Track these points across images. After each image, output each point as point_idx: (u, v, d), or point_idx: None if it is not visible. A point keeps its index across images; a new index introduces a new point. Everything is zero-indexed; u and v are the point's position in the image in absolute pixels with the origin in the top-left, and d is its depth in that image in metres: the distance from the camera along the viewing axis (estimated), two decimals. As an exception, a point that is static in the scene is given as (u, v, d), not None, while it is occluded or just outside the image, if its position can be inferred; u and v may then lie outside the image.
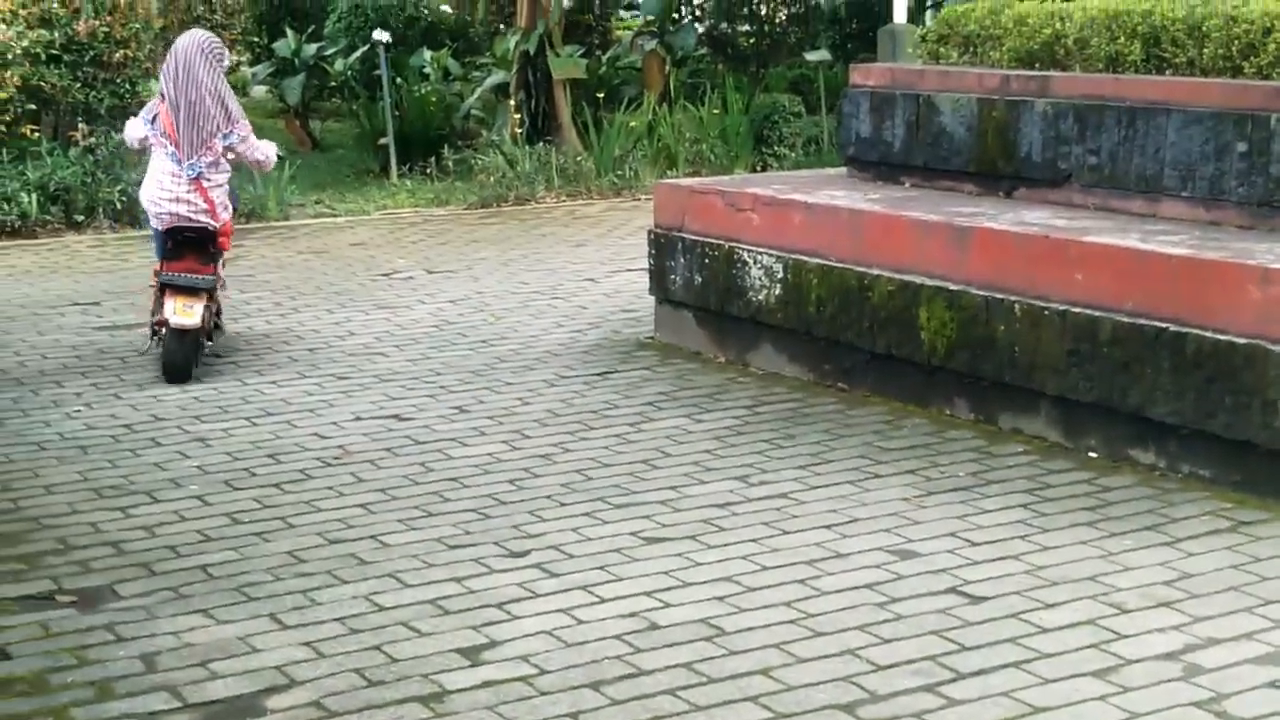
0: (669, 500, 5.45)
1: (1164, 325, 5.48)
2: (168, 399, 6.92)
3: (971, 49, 7.52)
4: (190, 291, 7.16)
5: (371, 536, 5.13)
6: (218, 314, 7.65)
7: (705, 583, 4.68)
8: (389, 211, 12.51)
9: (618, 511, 5.34)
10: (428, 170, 13.73)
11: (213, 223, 7.36)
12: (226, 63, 7.70)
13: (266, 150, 7.68)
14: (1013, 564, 4.78)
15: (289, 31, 16.81)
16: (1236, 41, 6.26)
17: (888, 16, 14.93)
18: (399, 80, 14.83)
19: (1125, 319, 5.62)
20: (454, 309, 8.80)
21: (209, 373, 7.37)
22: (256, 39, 19.49)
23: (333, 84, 16.38)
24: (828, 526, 5.15)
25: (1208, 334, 5.34)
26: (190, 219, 7.30)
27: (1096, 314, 5.72)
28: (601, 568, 4.81)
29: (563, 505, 5.42)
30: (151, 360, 7.48)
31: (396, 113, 14.17)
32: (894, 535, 5.06)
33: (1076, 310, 5.79)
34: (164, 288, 7.21)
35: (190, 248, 7.30)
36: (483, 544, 5.04)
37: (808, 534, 5.08)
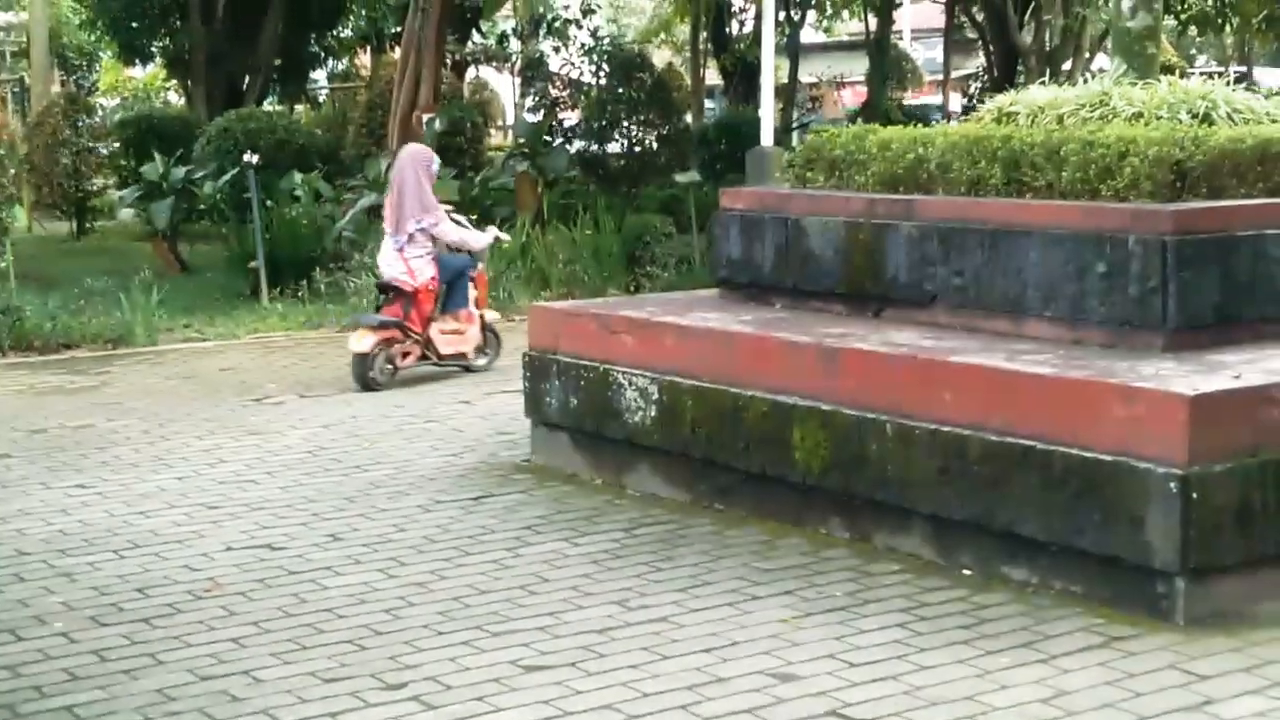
0: (548, 627, 5.41)
1: (1031, 443, 5.58)
2: (31, 532, 6.76)
3: (838, 173, 7.66)
4: (374, 326, 10.05)
5: (244, 672, 5.03)
6: (481, 347, 10.60)
7: (586, 711, 4.64)
8: (260, 335, 12.41)
9: (496, 639, 5.29)
10: (299, 293, 13.66)
11: (411, 281, 10.09)
12: (435, 168, 10.56)
13: (464, 235, 10.50)
14: (891, 684, 4.80)
15: (157, 155, 16.71)
16: (1093, 165, 6.44)
17: (756, 139, 15.21)
18: (269, 203, 14.78)
19: (994, 437, 5.71)
20: (327, 434, 8.72)
21: (76, 504, 7.22)
22: (124, 162, 19.35)
23: (202, 207, 16.27)
24: (707, 650, 5.14)
25: (1074, 451, 5.44)
26: (394, 278, 10.13)
27: (966, 432, 5.81)
28: (480, 698, 4.75)
29: (440, 634, 5.36)
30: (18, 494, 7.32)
31: (267, 235, 14.10)
32: (773, 658, 5.06)
33: (946, 429, 5.88)
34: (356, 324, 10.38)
35: (392, 298, 10.16)
36: (359, 676, 4.96)
37: (687, 658, 5.07)
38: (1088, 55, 22.30)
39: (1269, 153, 6.43)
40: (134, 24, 22.48)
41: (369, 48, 29.62)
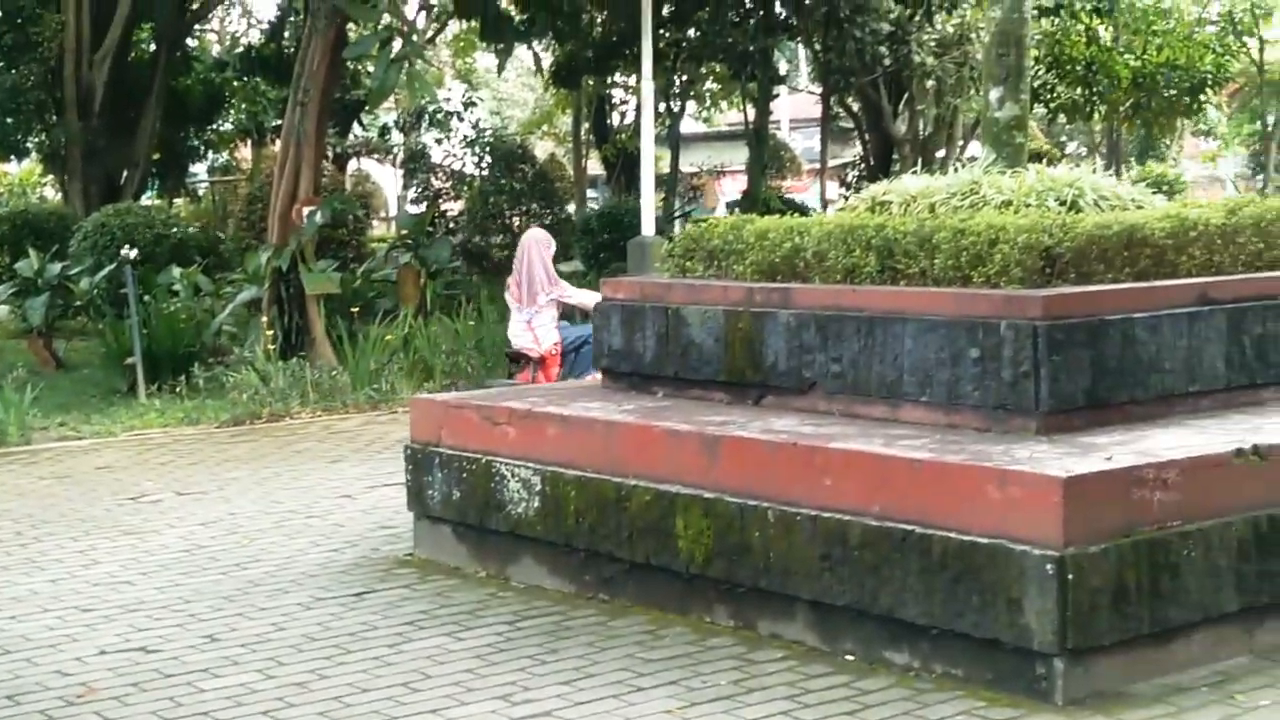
0: (430, 724, 5.34)
1: (911, 527, 5.63)
2: (-103, 640, 6.56)
3: (717, 262, 7.73)
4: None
5: (117, 779, 4.90)
6: None
7: (468, 810, 4.58)
8: (137, 432, 12.20)
9: (377, 739, 5.21)
10: (177, 389, 13.47)
11: (537, 348, 11.65)
12: (553, 249, 12.05)
13: (584, 298, 11.70)
14: (776, 773, 4.79)
15: (32, 251, 16.47)
16: (965, 252, 6.55)
17: (639, 228, 15.32)
18: (147, 298, 14.61)
19: (874, 522, 5.76)
20: (205, 532, 8.58)
21: (-58, 609, 7.03)
22: (-1, 259, 19.07)
23: (78, 303, 16.04)
24: (592, 744, 5.10)
25: (952, 535, 5.50)
26: (523, 347, 11.75)
27: (846, 518, 5.85)
28: (361, 800, 4.67)
29: (320, 735, 5.27)
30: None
31: (144, 331, 13.92)
32: (658, 750, 5.03)
33: (827, 515, 5.92)
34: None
35: (522, 365, 11.74)
36: (236, 781, 4.86)
37: (572, 753, 5.02)
38: (961, 143, 22.78)
39: (1135, 238, 6.58)
40: (8, 119, 22.22)
41: (249, 141, 29.51)
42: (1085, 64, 22.86)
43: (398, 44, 13.44)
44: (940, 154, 21.80)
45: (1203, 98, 24.47)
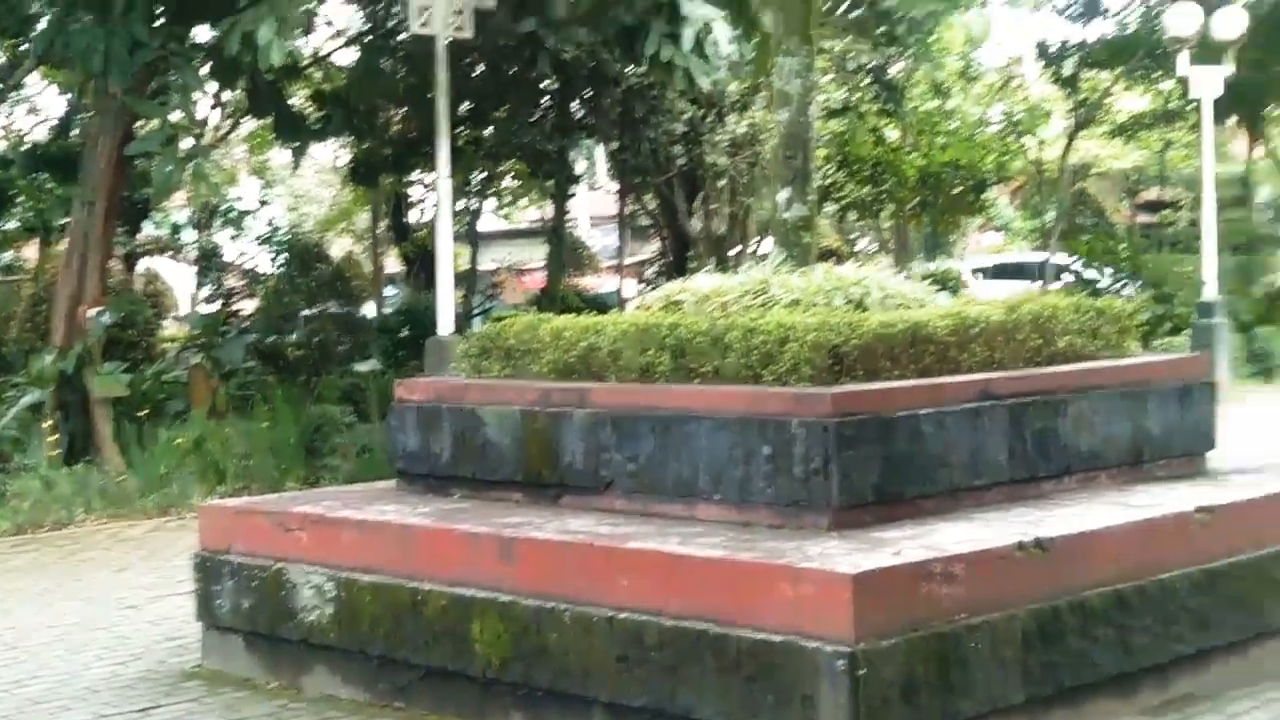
0: (217, 844, 5.17)
1: (706, 626, 5.64)
2: None
3: (513, 362, 7.73)
4: None
5: None
6: None
7: None
8: (-89, 543, 11.71)
9: None
10: (-45, 498, 12.96)
11: None
12: None
13: None
14: None
15: None
16: (756, 351, 6.65)
17: (435, 327, 15.22)
18: (-77, 403, 14.08)
19: (670, 622, 5.76)
20: (-18, 647, 8.24)
21: None
22: None
23: None
24: None
25: (746, 633, 5.52)
26: None
27: (643, 618, 5.84)
28: None
29: None
30: None
31: (-80, 437, 13.41)
32: None
33: (624, 615, 5.90)
34: None
35: None
36: None
37: None
38: (755, 240, 23.19)
39: (919, 336, 6.74)
40: None
41: (35, 240, 28.72)
42: (873, 163, 23.56)
43: (187, 142, 13.25)
44: (734, 251, 22.16)
45: (985, 195, 25.32)
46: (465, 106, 20.32)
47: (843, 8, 21.82)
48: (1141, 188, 43.56)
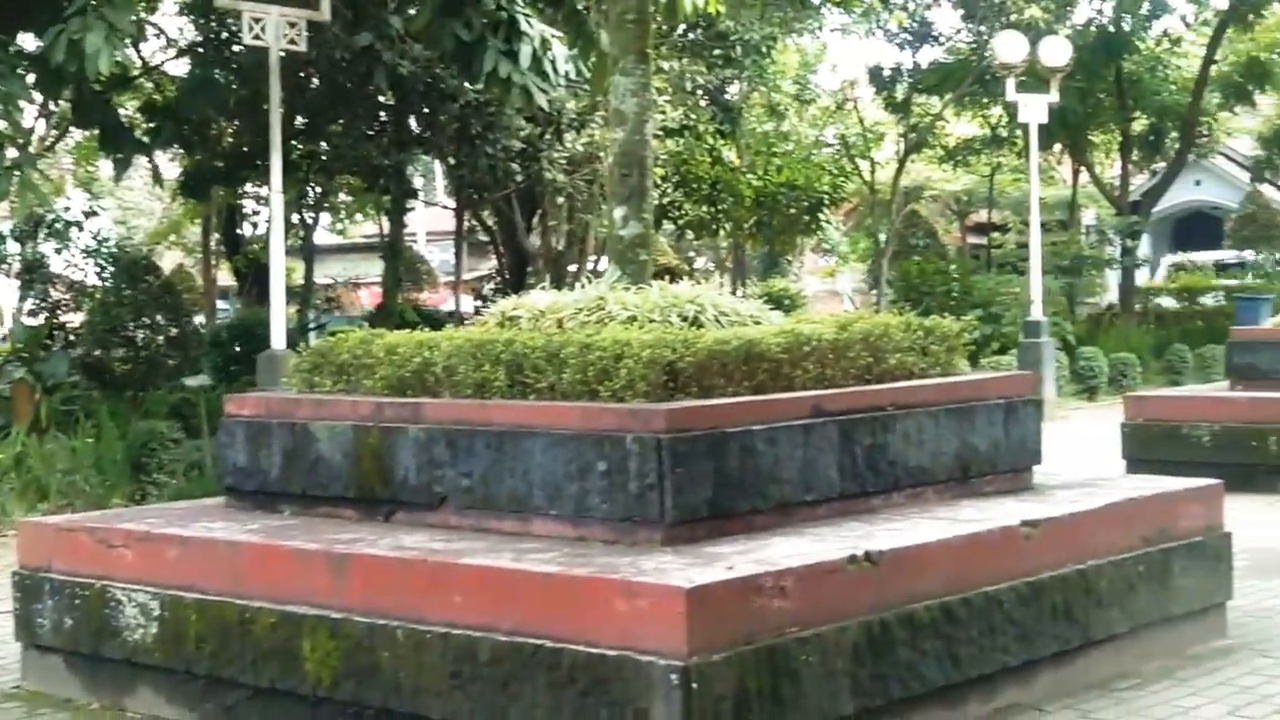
0: None
1: (540, 642, 5.62)
2: None
3: (346, 377, 7.64)
4: None
5: None
6: None
7: None
8: None
9: None
10: None
11: None
12: None
13: None
14: None
15: None
16: (592, 367, 6.65)
17: (269, 341, 15.01)
18: None
19: (504, 638, 5.72)
20: None
21: None
22: None
23: None
24: None
25: (580, 648, 5.51)
26: None
27: (476, 634, 5.80)
28: None
29: None
30: None
31: None
32: None
33: (457, 632, 5.86)
34: None
35: None
36: None
37: None
38: (593, 258, 23.24)
39: (753, 353, 6.80)
40: None
41: None
42: (711, 183, 23.73)
43: (12, 152, 12.90)
44: (573, 268, 22.19)
45: (821, 216, 25.66)
46: (300, 120, 20.09)
47: (680, 29, 22.01)
48: (971, 210, 44.56)
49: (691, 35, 23.13)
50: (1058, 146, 33.78)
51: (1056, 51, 22.25)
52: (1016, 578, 6.59)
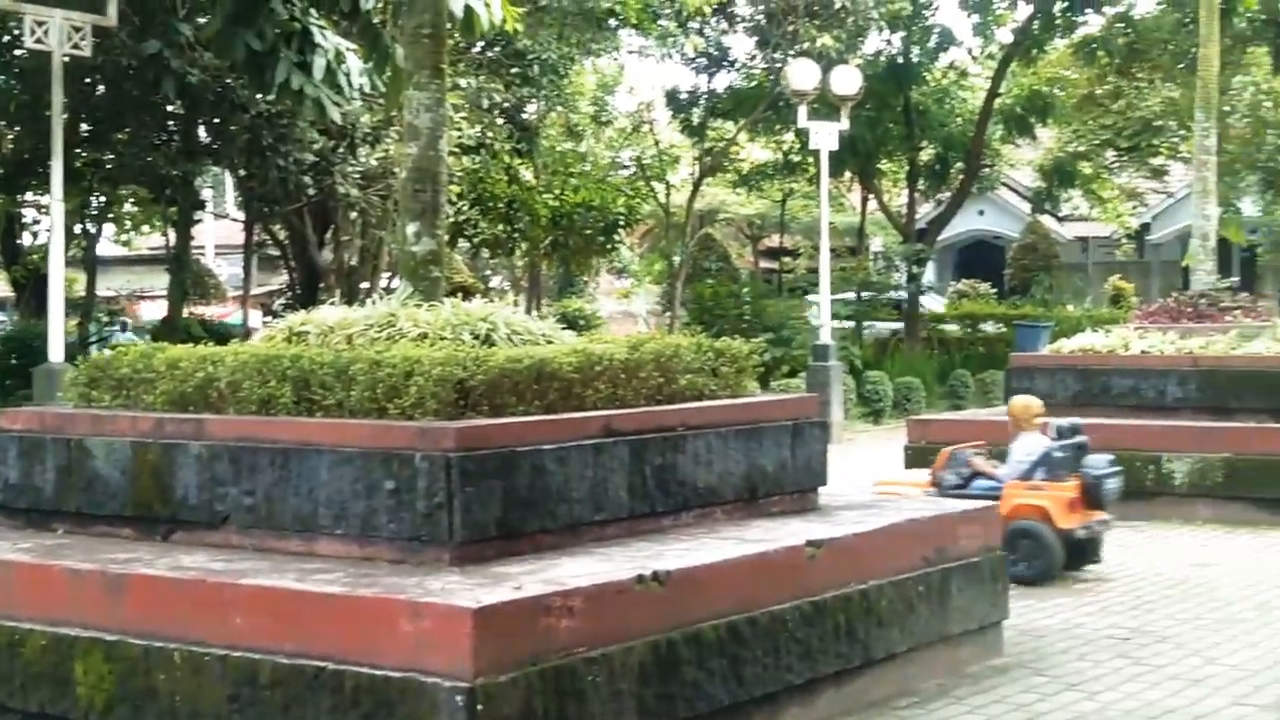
0: None
1: (324, 664, 5.52)
2: None
3: (125, 392, 7.42)
4: None
5: None
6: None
7: None
8: None
9: None
10: None
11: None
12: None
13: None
14: None
15: None
16: (381, 384, 6.56)
17: (47, 354, 14.54)
18: None
19: (285, 660, 5.61)
20: None
21: None
22: None
23: None
24: None
25: (364, 670, 5.43)
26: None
27: (257, 657, 5.68)
28: None
29: None
30: None
31: None
32: None
33: (237, 654, 5.73)
34: None
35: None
36: None
37: None
38: (387, 274, 23.01)
39: (544, 372, 6.79)
40: None
41: None
42: (507, 201, 23.66)
43: None
44: (366, 285, 21.93)
45: (616, 237, 25.78)
46: (85, 127, 19.53)
47: (477, 46, 21.94)
48: (764, 235, 45.24)
49: (489, 53, 23.07)
50: (848, 174, 34.45)
51: (847, 80, 22.72)
52: (801, 597, 6.68)
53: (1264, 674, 7.59)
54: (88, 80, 18.23)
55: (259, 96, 17.36)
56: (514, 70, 23.32)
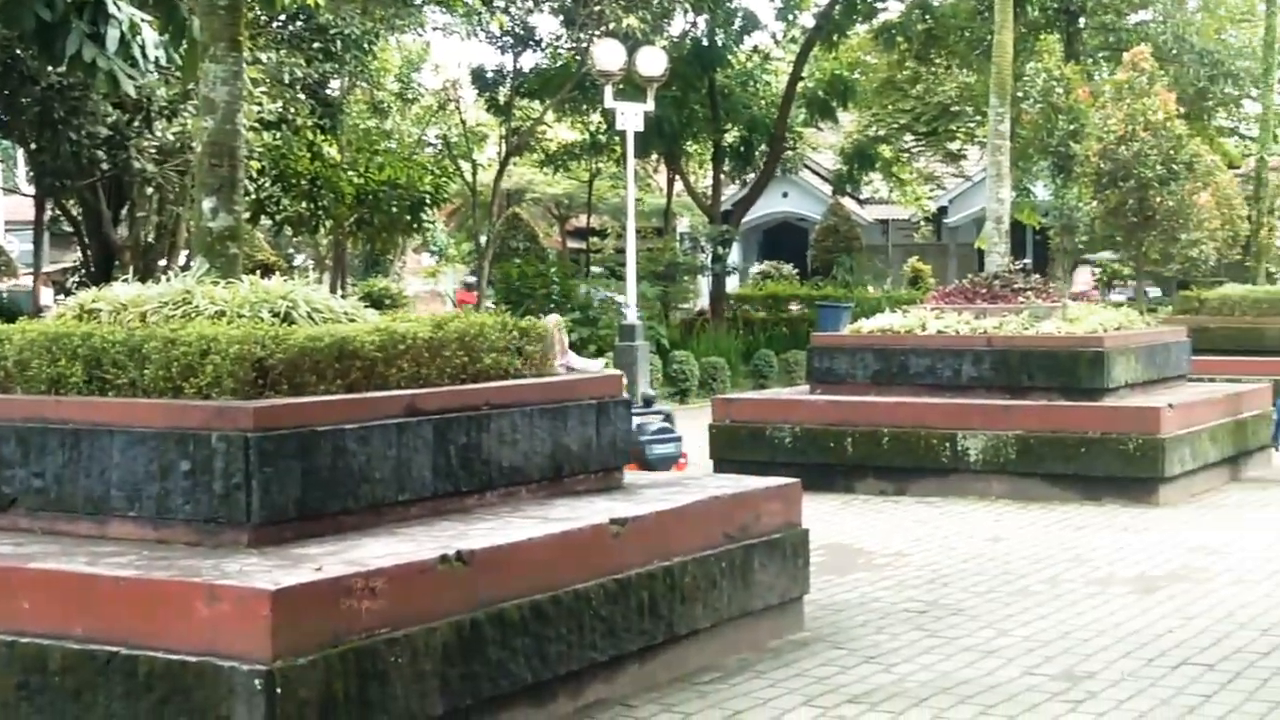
0: None
1: (115, 649, 5.39)
2: None
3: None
4: None
5: None
6: None
7: None
8: None
9: None
10: None
11: None
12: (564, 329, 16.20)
13: (587, 364, 15.65)
14: None
15: None
16: (176, 363, 6.40)
17: None
18: None
19: (76, 646, 5.46)
20: None
21: None
22: None
23: None
24: None
25: (158, 655, 5.31)
26: None
27: (46, 643, 5.51)
28: None
29: None
30: None
31: None
32: None
33: (25, 640, 5.56)
34: None
35: None
36: None
37: None
38: (185, 252, 22.50)
39: (346, 350, 6.68)
40: None
41: None
42: (310, 179, 23.29)
43: None
44: (163, 262, 21.42)
45: (423, 216, 25.56)
46: None
47: (279, 19, 21.54)
48: (571, 215, 45.31)
49: (291, 27, 22.67)
50: (654, 155, 34.66)
51: (652, 61, 22.83)
52: (605, 575, 6.70)
53: (1054, 644, 7.82)
54: None
55: (49, 68, 16.83)
56: (316, 45, 22.94)
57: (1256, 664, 7.40)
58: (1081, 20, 33.23)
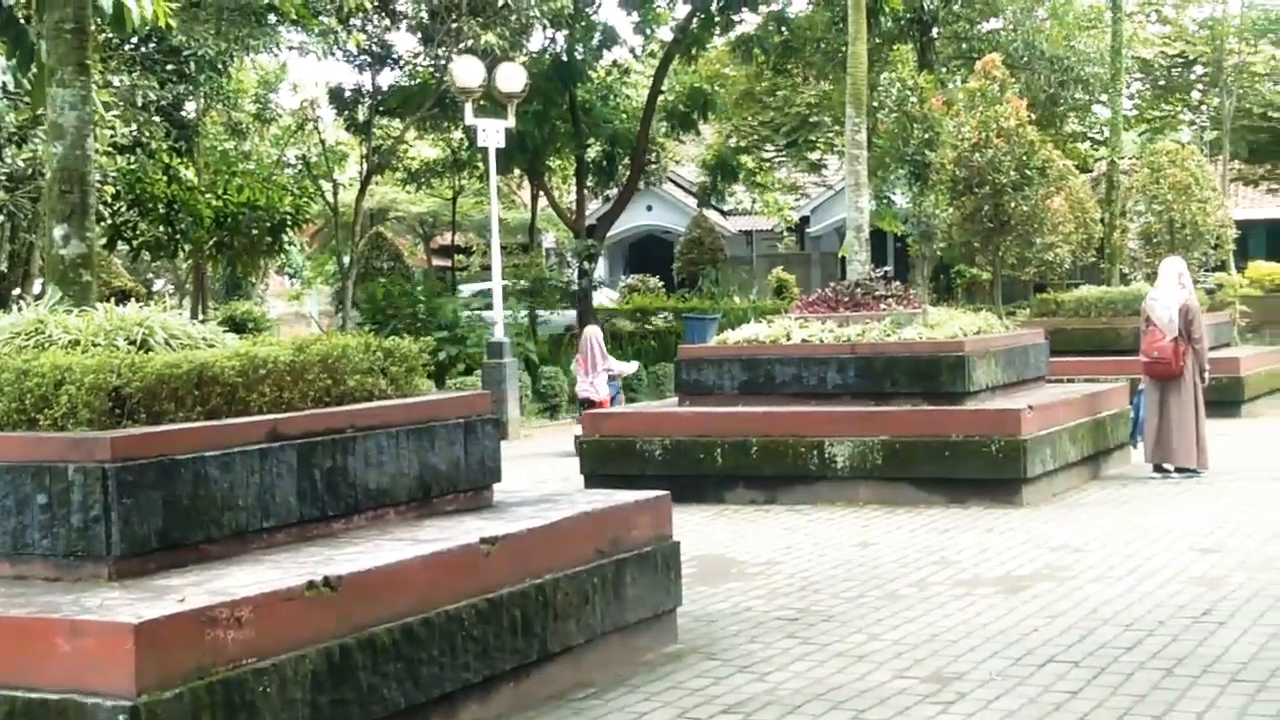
0: None
1: (-27, 690, 5.25)
2: None
3: None
4: None
5: None
6: None
7: None
8: None
9: None
10: None
11: (598, 395, 19.04)
12: (602, 337, 20.64)
13: (623, 367, 20.70)
14: None
15: None
16: (30, 394, 6.26)
17: None
18: None
19: (-69, 689, 5.31)
20: None
21: None
22: None
23: None
24: None
25: (19, 694, 5.18)
26: (589, 396, 19.16)
27: (-101, 688, 5.35)
28: None
29: None
30: None
31: None
32: None
33: (-123, 686, 5.38)
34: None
35: (586, 406, 18.42)
36: None
37: None
38: (39, 281, 22.02)
39: (205, 377, 6.58)
40: None
41: None
42: (167, 202, 22.94)
43: None
44: (16, 292, 20.94)
45: (284, 237, 25.27)
46: None
47: (130, 42, 21.18)
48: (436, 232, 45.09)
49: (143, 49, 22.31)
50: (517, 171, 34.63)
51: (512, 78, 22.82)
52: (476, 595, 6.67)
53: (923, 647, 7.93)
54: None
55: (-107, 94, 16.42)
56: (170, 67, 22.61)
57: (1120, 659, 7.55)
58: (934, 30, 33.81)
